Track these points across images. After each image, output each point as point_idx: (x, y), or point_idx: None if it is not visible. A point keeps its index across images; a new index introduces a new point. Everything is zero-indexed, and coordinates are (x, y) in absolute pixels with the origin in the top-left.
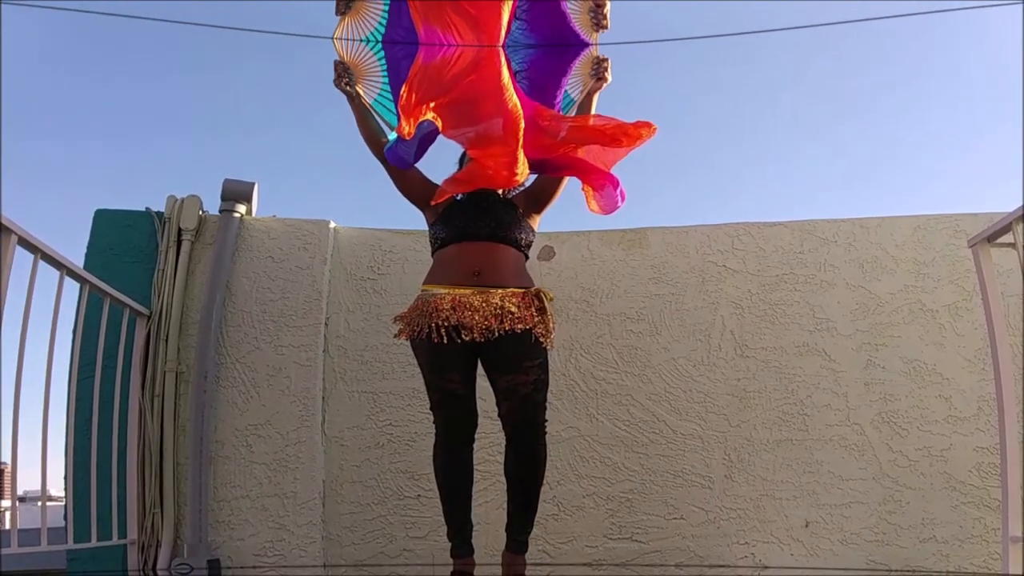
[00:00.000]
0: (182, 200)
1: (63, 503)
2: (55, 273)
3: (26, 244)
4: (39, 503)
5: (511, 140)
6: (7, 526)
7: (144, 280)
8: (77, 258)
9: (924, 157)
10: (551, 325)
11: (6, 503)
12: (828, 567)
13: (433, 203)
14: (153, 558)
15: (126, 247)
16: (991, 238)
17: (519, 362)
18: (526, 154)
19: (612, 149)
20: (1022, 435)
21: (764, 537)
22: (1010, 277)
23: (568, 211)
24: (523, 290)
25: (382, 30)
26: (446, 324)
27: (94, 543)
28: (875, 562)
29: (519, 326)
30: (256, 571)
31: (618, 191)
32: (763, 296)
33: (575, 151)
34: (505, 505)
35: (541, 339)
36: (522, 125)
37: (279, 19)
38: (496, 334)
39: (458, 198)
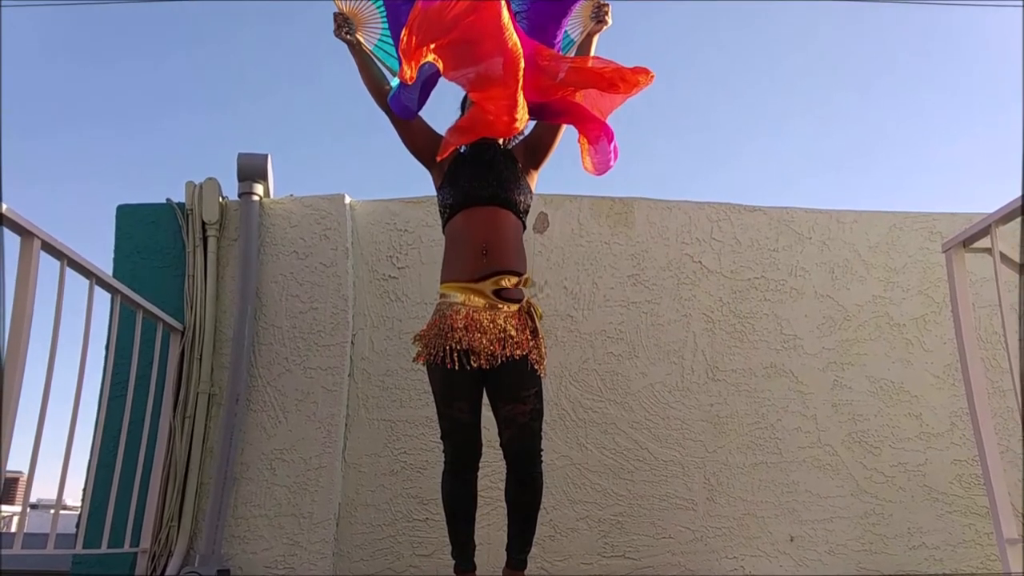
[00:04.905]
0: (200, 186)
1: (76, 513)
2: (79, 277)
3: (51, 249)
4: (51, 510)
5: (511, 81)
6: (14, 529)
7: (173, 286)
8: (96, 257)
9: (915, 142)
10: (543, 350)
11: (15, 508)
12: (818, 574)
13: (439, 158)
14: (163, 567)
15: (153, 249)
16: (967, 242)
17: (517, 391)
18: (525, 96)
19: (609, 95)
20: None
21: (751, 551)
22: (983, 286)
23: (562, 167)
24: (517, 306)
25: None
26: (459, 347)
27: (104, 549)
28: (866, 569)
29: (517, 352)
30: None
31: (612, 145)
32: (733, 307)
33: (573, 95)
34: (505, 528)
35: (536, 366)
36: (522, 65)
37: None
38: (499, 360)
39: (462, 150)
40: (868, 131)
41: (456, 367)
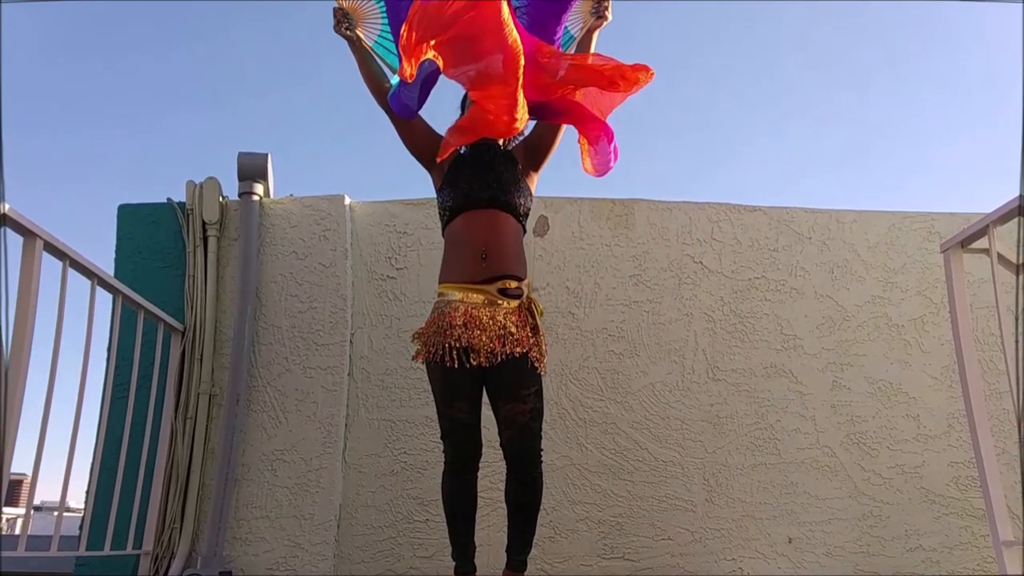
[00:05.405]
0: (201, 185)
1: (79, 515)
2: (80, 278)
3: (53, 250)
4: (54, 513)
5: (511, 79)
6: (18, 532)
7: (173, 286)
8: (96, 257)
9: (914, 142)
10: (544, 348)
11: (19, 510)
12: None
13: (439, 159)
14: (165, 569)
15: (153, 249)
16: (964, 243)
17: (517, 389)
18: (525, 95)
19: (609, 94)
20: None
21: (750, 553)
22: (981, 287)
23: (562, 168)
24: (517, 302)
25: None
26: (458, 345)
27: (107, 551)
28: (863, 571)
29: (517, 349)
30: None
31: (612, 146)
32: (734, 307)
33: (573, 94)
34: (505, 529)
35: (536, 364)
36: (522, 62)
37: None
38: (499, 358)
39: (461, 151)
40: (868, 131)
41: (456, 365)
